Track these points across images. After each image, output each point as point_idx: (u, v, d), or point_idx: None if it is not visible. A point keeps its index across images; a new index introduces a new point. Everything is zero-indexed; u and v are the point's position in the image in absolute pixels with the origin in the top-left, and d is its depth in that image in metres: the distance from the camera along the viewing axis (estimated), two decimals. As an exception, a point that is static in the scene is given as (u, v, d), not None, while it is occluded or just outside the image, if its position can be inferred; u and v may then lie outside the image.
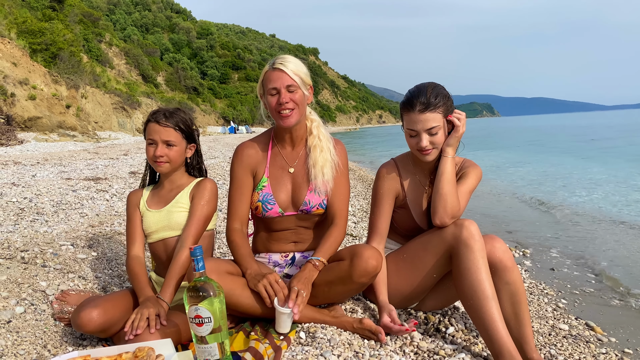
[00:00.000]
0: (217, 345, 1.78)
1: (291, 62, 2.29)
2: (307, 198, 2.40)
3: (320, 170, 2.39)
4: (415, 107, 2.23)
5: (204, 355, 1.79)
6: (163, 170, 2.46)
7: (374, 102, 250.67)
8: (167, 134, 2.40)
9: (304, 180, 2.43)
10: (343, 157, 2.49)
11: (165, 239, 2.47)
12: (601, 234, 5.70)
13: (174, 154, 2.43)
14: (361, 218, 5.77)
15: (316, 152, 2.41)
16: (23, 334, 2.22)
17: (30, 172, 8.16)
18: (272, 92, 2.28)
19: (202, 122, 58.09)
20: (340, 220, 2.42)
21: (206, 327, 1.75)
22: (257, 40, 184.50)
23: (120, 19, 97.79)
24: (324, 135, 2.46)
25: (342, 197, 2.45)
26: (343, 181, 2.47)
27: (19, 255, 3.15)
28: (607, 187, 9.66)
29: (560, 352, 2.34)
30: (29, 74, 23.71)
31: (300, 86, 2.28)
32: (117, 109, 35.16)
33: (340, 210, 2.43)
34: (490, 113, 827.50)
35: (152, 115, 2.46)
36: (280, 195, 2.42)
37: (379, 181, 2.49)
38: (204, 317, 1.74)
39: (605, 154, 18.03)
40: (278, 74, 2.26)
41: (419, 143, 2.26)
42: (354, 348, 2.07)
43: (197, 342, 1.80)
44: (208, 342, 1.77)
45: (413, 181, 2.45)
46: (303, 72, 2.31)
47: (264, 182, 2.43)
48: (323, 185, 2.40)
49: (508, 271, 2.14)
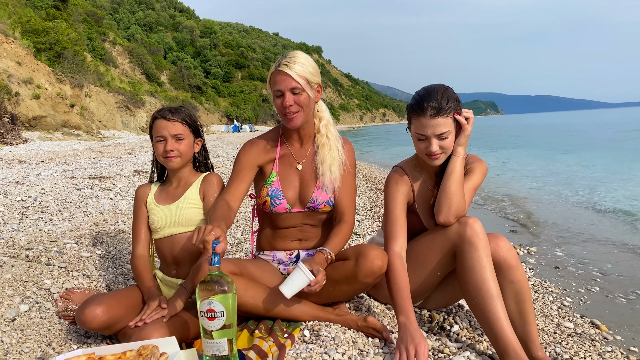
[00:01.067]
0: (226, 341, 1.77)
1: (297, 63, 2.24)
2: (315, 195, 2.40)
3: (328, 168, 2.39)
4: (426, 111, 2.17)
5: (212, 350, 1.77)
6: (175, 165, 2.47)
7: (378, 101, 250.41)
8: (175, 128, 2.42)
9: (312, 177, 2.43)
10: (351, 156, 2.49)
11: (172, 235, 2.48)
12: (606, 233, 5.67)
13: (184, 147, 2.45)
14: (365, 216, 5.77)
15: (324, 150, 2.41)
16: (27, 332, 2.23)
17: (34, 170, 8.18)
18: (277, 93, 2.29)
19: (205, 121, 58.15)
20: (349, 217, 2.42)
21: (218, 322, 1.74)
22: (261, 39, 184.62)
23: (124, 18, 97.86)
24: (332, 133, 2.46)
25: (349, 195, 2.45)
26: (350, 179, 2.47)
27: (23, 254, 3.16)
28: (611, 185, 9.62)
29: (566, 350, 2.33)
30: (33, 73, 23.77)
31: (304, 88, 2.26)
32: (121, 108, 35.23)
33: (348, 207, 2.43)
34: (494, 111, 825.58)
35: (157, 113, 2.48)
36: (289, 192, 2.43)
37: (391, 187, 2.40)
38: (216, 311, 1.73)
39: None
40: (282, 76, 2.24)
41: (428, 148, 2.22)
42: (359, 346, 2.07)
43: (205, 336, 1.78)
44: (218, 337, 1.76)
45: (421, 185, 2.42)
46: (309, 73, 2.27)
47: (273, 177, 2.44)
48: (331, 183, 2.40)
49: (512, 270, 2.13)
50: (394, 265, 2.19)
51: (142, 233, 2.53)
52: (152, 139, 2.50)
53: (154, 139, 2.47)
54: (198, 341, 2.17)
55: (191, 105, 54.12)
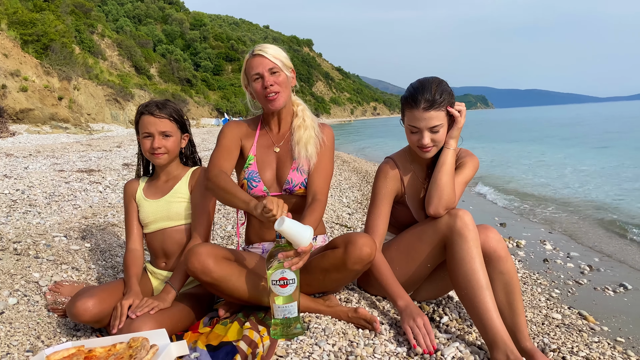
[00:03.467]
0: (296, 304, 2.01)
1: (270, 47, 2.36)
2: (290, 176, 2.42)
3: (303, 146, 2.41)
4: (419, 104, 2.18)
5: (283, 313, 1.99)
6: (161, 162, 2.46)
7: (369, 94, 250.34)
8: (163, 125, 2.41)
9: (288, 158, 2.46)
10: (329, 137, 2.51)
11: (163, 229, 2.48)
12: (594, 226, 5.73)
13: (171, 144, 2.44)
14: (356, 209, 5.78)
15: (300, 131, 2.45)
16: (16, 325, 2.21)
17: (22, 164, 8.10)
18: (255, 77, 2.34)
19: (195, 114, 57.83)
20: (321, 196, 2.37)
21: (290, 288, 1.97)
22: (251, 32, 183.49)
23: (113, 10, 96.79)
24: (308, 116, 2.51)
25: (323, 174, 2.43)
26: (326, 159, 2.47)
27: (11, 247, 3.13)
28: (599, 179, 9.71)
29: (554, 341, 2.36)
30: (20, 65, 23.49)
31: (282, 68, 2.34)
32: (109, 101, 34.93)
33: (321, 187, 2.40)
34: (485, 105, 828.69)
35: (144, 108, 2.45)
36: (266, 174, 2.44)
37: (380, 182, 2.42)
38: (289, 278, 1.96)
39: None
40: (259, 59, 2.32)
41: (420, 140, 2.23)
42: (349, 337, 2.07)
43: (276, 302, 1.99)
44: (289, 301, 1.99)
45: (412, 177, 2.43)
46: (283, 56, 2.37)
47: (250, 160, 2.46)
48: (306, 161, 2.42)
49: (502, 261, 2.15)
50: (377, 258, 2.22)
51: (134, 227, 2.54)
52: (138, 134, 2.47)
53: (141, 134, 2.45)
54: (188, 333, 2.17)
55: (181, 99, 53.76)
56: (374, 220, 2.38)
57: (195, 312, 2.31)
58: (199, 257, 2.06)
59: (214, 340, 1.99)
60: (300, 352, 1.93)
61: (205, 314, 2.39)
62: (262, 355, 1.88)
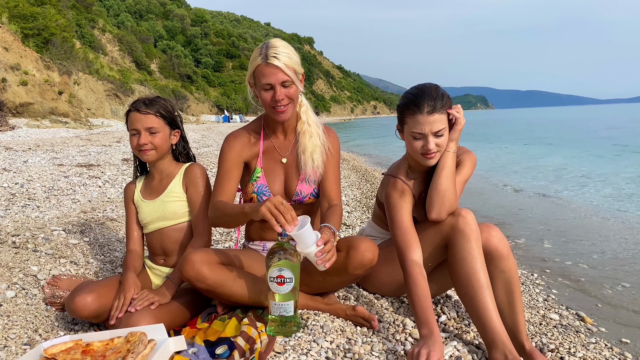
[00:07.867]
0: (292, 303, 1.99)
1: (282, 53, 2.17)
2: (299, 188, 2.39)
3: (309, 156, 2.36)
4: (423, 108, 2.14)
5: (279, 311, 1.99)
6: (149, 158, 2.45)
7: (369, 93, 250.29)
8: (149, 121, 2.40)
9: (295, 168, 2.41)
10: (335, 143, 2.47)
11: (161, 229, 2.49)
12: (593, 227, 5.73)
13: (158, 140, 2.42)
14: (355, 207, 5.78)
15: (305, 138, 2.38)
16: (14, 318, 2.21)
17: (21, 157, 8.09)
18: (265, 87, 2.21)
19: (195, 111, 57.80)
20: (338, 201, 2.40)
21: (287, 287, 1.96)
22: (252, 29, 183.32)
23: (114, 5, 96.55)
24: (312, 120, 2.43)
25: (334, 181, 2.43)
26: (334, 166, 2.45)
27: (10, 240, 3.12)
28: (599, 181, 9.72)
29: (551, 341, 2.36)
30: (20, 59, 23.43)
31: (294, 81, 2.21)
32: (110, 96, 34.88)
33: (336, 192, 2.42)
34: (485, 105, 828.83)
35: (132, 105, 2.46)
36: (274, 187, 2.40)
37: (395, 200, 2.28)
38: (286, 277, 1.95)
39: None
40: (272, 69, 2.16)
41: (425, 146, 2.18)
42: (347, 335, 2.08)
43: (273, 299, 1.99)
44: (286, 300, 1.98)
45: (415, 185, 2.37)
46: (296, 62, 2.22)
47: (257, 172, 2.40)
48: (313, 172, 2.38)
49: (504, 259, 2.15)
50: (413, 274, 2.06)
51: (134, 230, 2.57)
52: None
53: (129, 131, 2.45)
54: (186, 329, 2.17)
55: (181, 95, 53.72)
56: (404, 236, 2.19)
57: (193, 308, 2.31)
58: (193, 266, 2.04)
59: (211, 335, 1.99)
60: (298, 349, 1.94)
61: (204, 309, 2.39)
62: (260, 351, 1.88)
